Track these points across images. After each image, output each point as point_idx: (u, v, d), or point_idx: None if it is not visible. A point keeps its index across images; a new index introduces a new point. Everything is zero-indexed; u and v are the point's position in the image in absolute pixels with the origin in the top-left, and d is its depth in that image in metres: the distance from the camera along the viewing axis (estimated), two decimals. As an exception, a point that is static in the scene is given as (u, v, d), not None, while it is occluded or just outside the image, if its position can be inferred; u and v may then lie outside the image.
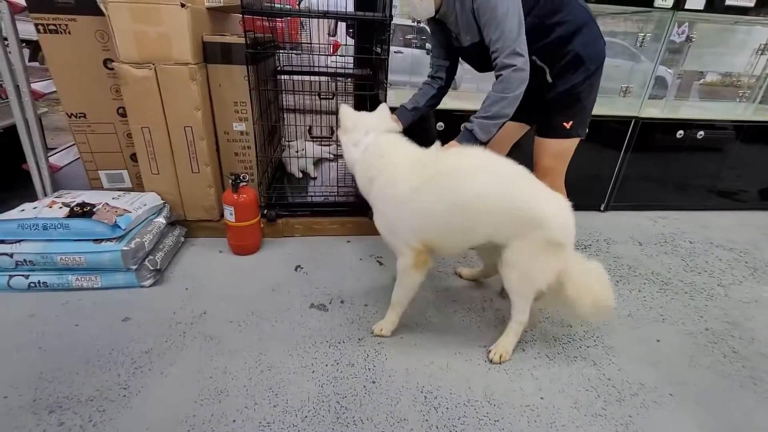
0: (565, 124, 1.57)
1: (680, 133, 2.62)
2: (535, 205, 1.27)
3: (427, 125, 2.15)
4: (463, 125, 1.49)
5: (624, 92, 2.65)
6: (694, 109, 3.06)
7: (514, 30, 1.34)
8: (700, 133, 2.64)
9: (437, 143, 1.42)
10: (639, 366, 1.47)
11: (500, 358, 1.43)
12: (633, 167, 2.66)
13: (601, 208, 2.77)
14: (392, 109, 2.24)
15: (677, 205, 2.86)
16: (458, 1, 1.42)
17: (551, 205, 1.30)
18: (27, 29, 2.03)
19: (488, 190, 1.26)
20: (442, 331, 1.58)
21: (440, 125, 2.27)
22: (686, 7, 2.25)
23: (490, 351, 1.45)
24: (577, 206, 1.79)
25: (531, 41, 1.44)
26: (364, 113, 1.52)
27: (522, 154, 1.63)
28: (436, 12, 1.50)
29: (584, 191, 2.66)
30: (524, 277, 1.36)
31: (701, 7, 2.26)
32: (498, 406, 1.27)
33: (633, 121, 2.54)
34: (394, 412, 1.23)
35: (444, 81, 1.74)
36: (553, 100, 1.55)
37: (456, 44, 1.59)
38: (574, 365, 1.46)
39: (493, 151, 1.79)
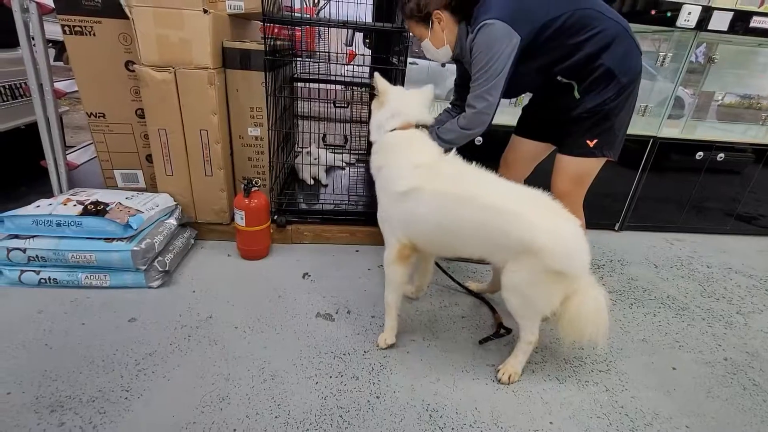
0: (588, 141, 1.48)
1: (700, 155, 2.56)
2: (524, 231, 1.21)
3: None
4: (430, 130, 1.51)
5: (642, 111, 2.61)
6: (714, 131, 3.00)
7: (492, 76, 1.36)
8: (720, 155, 2.59)
9: (453, 151, 1.43)
10: (653, 394, 1.42)
11: (509, 378, 1.39)
12: (649, 187, 2.61)
13: (616, 228, 2.71)
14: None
15: (694, 228, 2.79)
16: (466, 43, 1.46)
17: (547, 229, 1.21)
18: (54, 30, 2.08)
19: (471, 219, 1.26)
20: (449, 347, 1.54)
21: (479, 140, 2.23)
22: (709, 27, 2.22)
23: (498, 370, 1.41)
24: (591, 225, 1.76)
25: (553, 63, 1.43)
26: (399, 89, 1.49)
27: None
28: (453, 53, 1.54)
29: (599, 210, 2.61)
30: (524, 302, 1.31)
31: (725, 28, 2.23)
32: (505, 430, 1.23)
33: (651, 140, 2.50)
34: (397, 429, 1.20)
35: (465, 108, 1.75)
36: (580, 117, 1.46)
37: None
38: (586, 390, 1.41)
39: (515, 171, 1.75)
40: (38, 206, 1.67)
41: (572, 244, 1.24)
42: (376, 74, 1.47)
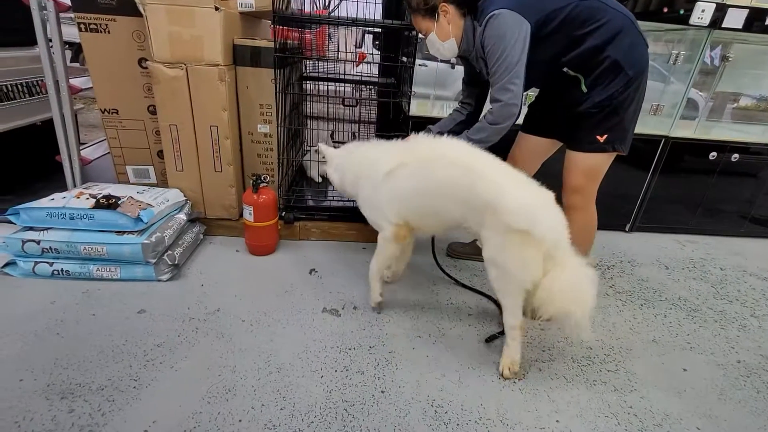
0: (599, 137, 1.48)
1: (713, 155, 2.52)
2: (487, 189, 1.25)
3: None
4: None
5: (654, 111, 2.58)
6: (728, 131, 2.94)
7: (511, 65, 1.36)
8: (735, 156, 2.54)
9: (413, 133, 1.55)
10: (664, 395, 1.39)
11: (509, 368, 1.39)
12: (661, 188, 2.57)
13: (626, 229, 2.68)
14: (415, 123, 2.27)
15: (707, 230, 2.74)
16: (473, 38, 1.47)
17: (510, 190, 1.24)
18: (70, 32, 2.12)
19: (443, 177, 1.34)
20: (455, 344, 1.54)
21: None
22: (724, 25, 2.18)
23: (500, 366, 1.41)
24: (601, 225, 1.75)
25: (559, 54, 1.43)
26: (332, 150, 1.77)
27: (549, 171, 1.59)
28: (459, 48, 1.54)
29: (609, 210, 2.56)
30: (501, 273, 1.31)
31: (740, 26, 2.19)
32: (511, 427, 1.22)
33: (663, 140, 2.47)
34: (402, 424, 1.19)
35: (473, 107, 1.76)
36: (588, 112, 1.46)
37: (482, 78, 1.60)
38: (594, 389, 1.39)
39: (522, 168, 1.77)
40: (52, 199, 1.71)
41: (533, 204, 1.24)
42: (320, 145, 1.78)
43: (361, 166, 1.59)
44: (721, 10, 2.16)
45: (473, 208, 1.31)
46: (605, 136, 1.48)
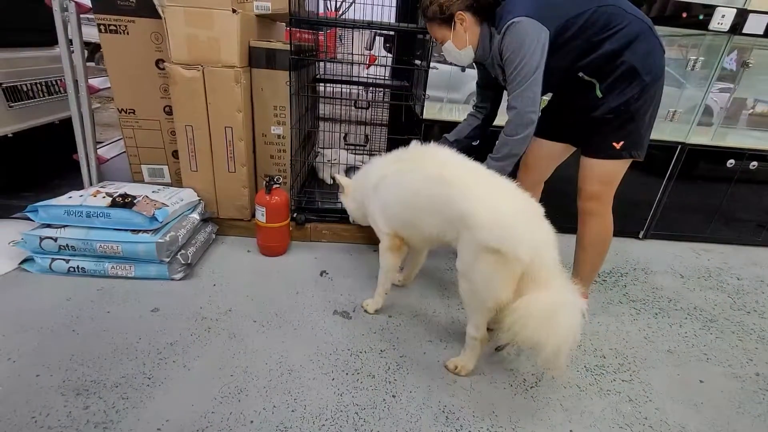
0: (615, 144, 1.46)
1: (731, 163, 2.47)
2: (461, 201, 1.22)
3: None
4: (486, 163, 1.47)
5: (671, 117, 2.54)
6: (747, 138, 2.89)
7: (529, 73, 1.35)
8: (753, 164, 2.49)
9: (414, 141, 1.54)
10: (680, 407, 1.37)
11: (455, 368, 1.39)
12: (676, 195, 2.53)
13: (640, 236, 2.64)
14: (427, 126, 2.26)
15: (723, 239, 2.69)
16: (490, 45, 1.47)
17: (486, 203, 1.18)
18: (87, 32, 2.15)
19: (419, 187, 1.36)
20: (466, 349, 1.52)
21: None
22: (744, 31, 2.15)
23: (449, 361, 1.42)
24: (615, 232, 1.71)
25: (575, 59, 1.41)
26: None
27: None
28: (475, 54, 1.54)
29: (623, 217, 2.50)
30: (470, 288, 1.26)
31: (761, 32, 2.15)
32: (524, 435, 1.20)
33: (679, 147, 2.43)
34: (414, 429, 1.19)
35: (489, 109, 1.75)
36: (604, 118, 1.44)
37: (498, 82, 1.59)
38: (607, 399, 1.37)
39: (535, 173, 1.74)
40: (70, 197, 1.73)
41: (509, 219, 1.16)
42: (336, 176, 1.80)
43: (361, 186, 1.65)
44: (741, 16, 2.12)
45: (449, 220, 1.28)
46: (621, 143, 1.46)
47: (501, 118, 1.59)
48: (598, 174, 1.54)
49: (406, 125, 2.44)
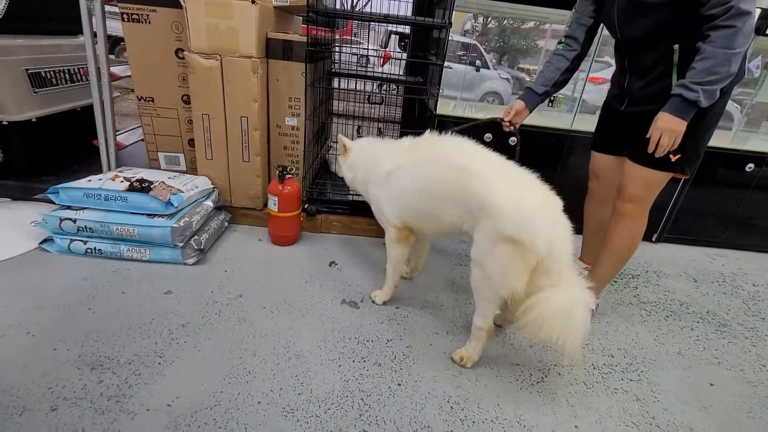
0: (671, 155, 1.35)
1: (750, 167, 2.42)
2: (482, 189, 1.22)
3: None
4: (674, 91, 1.26)
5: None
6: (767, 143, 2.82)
7: None
8: (773, 169, 2.43)
9: (428, 131, 1.52)
10: (688, 409, 1.35)
11: (461, 359, 1.39)
12: (692, 199, 2.49)
13: (654, 239, 2.60)
14: (441, 122, 2.26)
15: (739, 244, 2.63)
16: None
17: (507, 193, 1.18)
18: (109, 26, 2.19)
19: (440, 177, 1.33)
20: (473, 343, 1.53)
21: (488, 136, 2.23)
22: (768, 32, 2.10)
23: (454, 353, 1.42)
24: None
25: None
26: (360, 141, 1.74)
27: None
28: None
29: (635, 219, 2.50)
30: (482, 276, 1.26)
31: (786, 34, 2.10)
32: (528, 429, 1.20)
33: (696, 149, 2.39)
34: (418, 417, 1.19)
35: (581, 46, 1.54)
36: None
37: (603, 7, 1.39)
38: (614, 397, 1.36)
39: (605, 181, 1.68)
40: (89, 180, 1.78)
41: (529, 210, 1.16)
42: (340, 136, 1.76)
43: (367, 167, 1.61)
44: (766, 17, 2.07)
45: (469, 210, 1.28)
46: (678, 156, 1.36)
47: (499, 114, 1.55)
48: (644, 177, 1.44)
49: (418, 121, 2.44)
